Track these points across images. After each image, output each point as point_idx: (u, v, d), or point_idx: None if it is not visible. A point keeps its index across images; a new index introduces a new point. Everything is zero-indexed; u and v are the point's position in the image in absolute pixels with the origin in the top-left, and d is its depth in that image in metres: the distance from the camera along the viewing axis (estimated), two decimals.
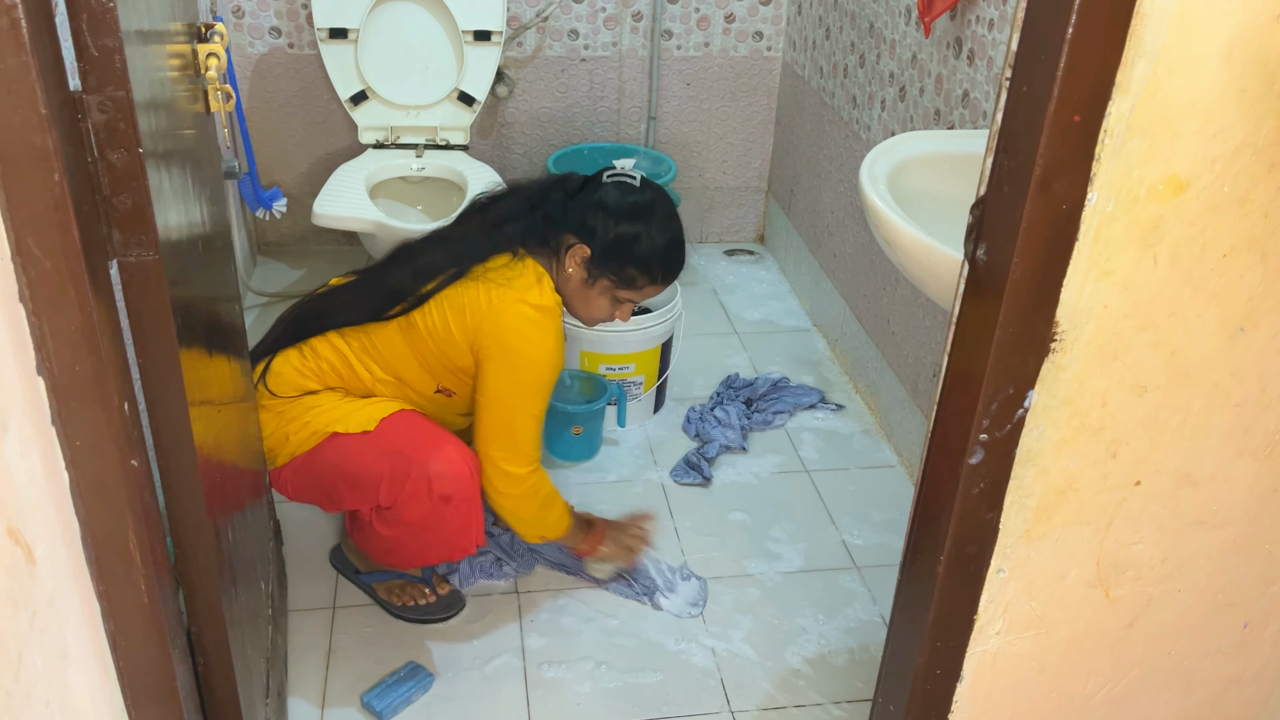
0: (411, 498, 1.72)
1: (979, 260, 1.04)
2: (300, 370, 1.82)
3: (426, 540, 1.79)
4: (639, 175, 1.85)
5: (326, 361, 1.82)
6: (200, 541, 1.20)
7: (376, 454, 1.73)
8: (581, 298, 1.85)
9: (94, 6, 0.91)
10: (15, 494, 0.84)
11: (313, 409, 1.79)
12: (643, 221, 1.79)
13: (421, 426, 1.78)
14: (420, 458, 1.71)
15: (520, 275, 1.76)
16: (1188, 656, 1.35)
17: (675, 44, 3.13)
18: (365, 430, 1.75)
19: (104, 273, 0.97)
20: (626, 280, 1.82)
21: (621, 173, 1.85)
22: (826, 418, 2.61)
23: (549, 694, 1.83)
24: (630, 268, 1.80)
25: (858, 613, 2.03)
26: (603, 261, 1.79)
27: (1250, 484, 1.20)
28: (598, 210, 1.79)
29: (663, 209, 1.83)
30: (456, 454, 1.74)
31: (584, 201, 1.82)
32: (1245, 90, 0.94)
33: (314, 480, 1.78)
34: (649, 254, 1.80)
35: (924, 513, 1.21)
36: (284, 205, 2.91)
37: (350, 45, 2.78)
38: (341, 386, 1.83)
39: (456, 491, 1.73)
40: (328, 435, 1.75)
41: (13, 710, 0.82)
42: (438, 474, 1.71)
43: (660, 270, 1.83)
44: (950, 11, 2.11)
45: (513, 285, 1.74)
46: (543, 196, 1.86)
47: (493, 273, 1.76)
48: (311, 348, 1.83)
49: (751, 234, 3.49)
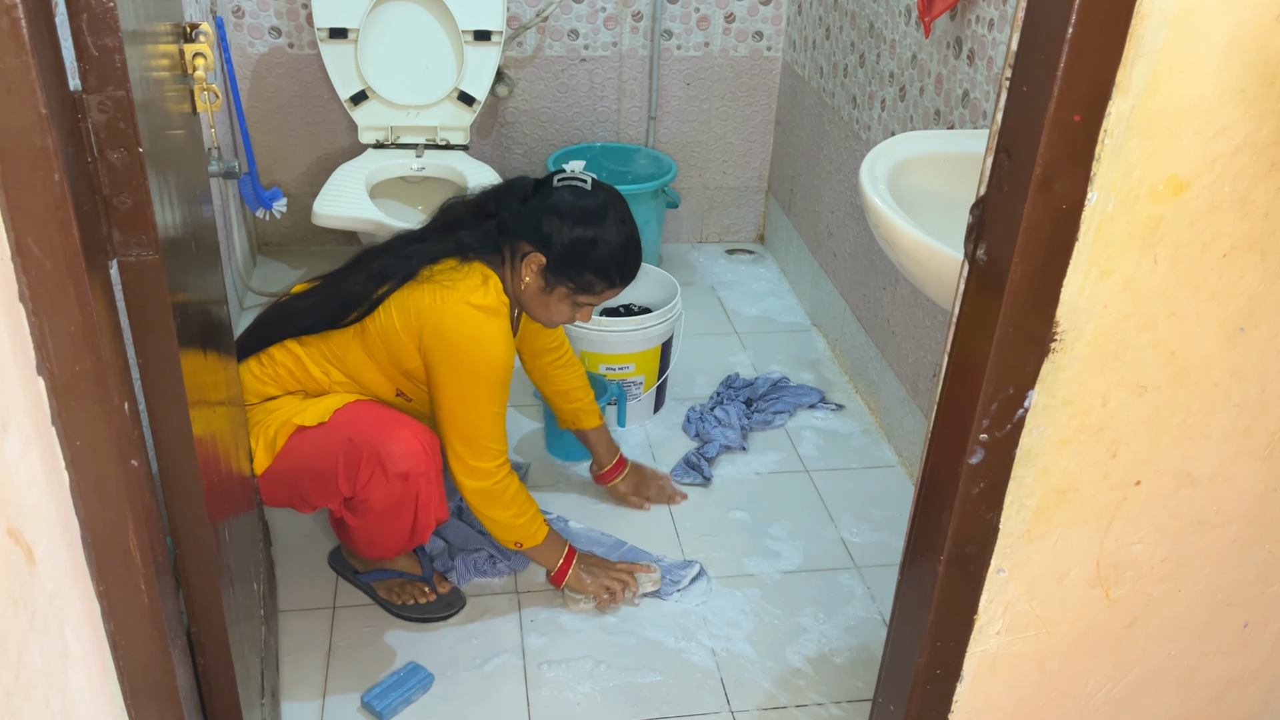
0: (370, 482, 1.73)
1: (979, 260, 1.04)
2: (259, 377, 1.84)
3: (399, 522, 1.79)
4: (590, 177, 1.83)
5: (284, 367, 1.84)
6: (200, 541, 1.20)
7: (331, 444, 1.75)
8: (541, 304, 1.84)
9: (94, 6, 0.91)
10: (15, 494, 0.85)
11: (273, 412, 1.80)
12: (597, 226, 1.77)
13: (375, 413, 1.79)
14: (371, 441, 1.72)
15: (466, 277, 1.76)
16: (1188, 656, 1.35)
17: (675, 44, 3.13)
18: (321, 422, 1.76)
19: (104, 273, 0.97)
20: (584, 286, 1.81)
21: (572, 175, 1.83)
22: (826, 417, 2.61)
23: (549, 693, 1.83)
24: (587, 273, 1.79)
25: (858, 612, 2.03)
26: (559, 269, 1.78)
27: (1250, 484, 1.20)
28: (551, 216, 1.77)
29: (615, 211, 1.81)
30: (409, 433, 1.74)
31: (536, 207, 1.80)
32: (1245, 90, 0.94)
33: (282, 481, 1.79)
34: (605, 259, 1.79)
35: (924, 513, 1.21)
36: (284, 205, 2.91)
37: (350, 45, 2.78)
38: (300, 390, 1.85)
39: (412, 468, 1.73)
40: (291, 429, 1.76)
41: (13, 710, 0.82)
42: (390, 454, 1.72)
43: (617, 273, 1.82)
44: (950, 11, 2.11)
45: (457, 287, 1.75)
46: (496, 203, 1.85)
47: (439, 275, 1.76)
48: (269, 355, 1.84)
49: (751, 234, 3.49)
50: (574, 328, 2.41)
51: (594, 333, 2.42)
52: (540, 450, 2.44)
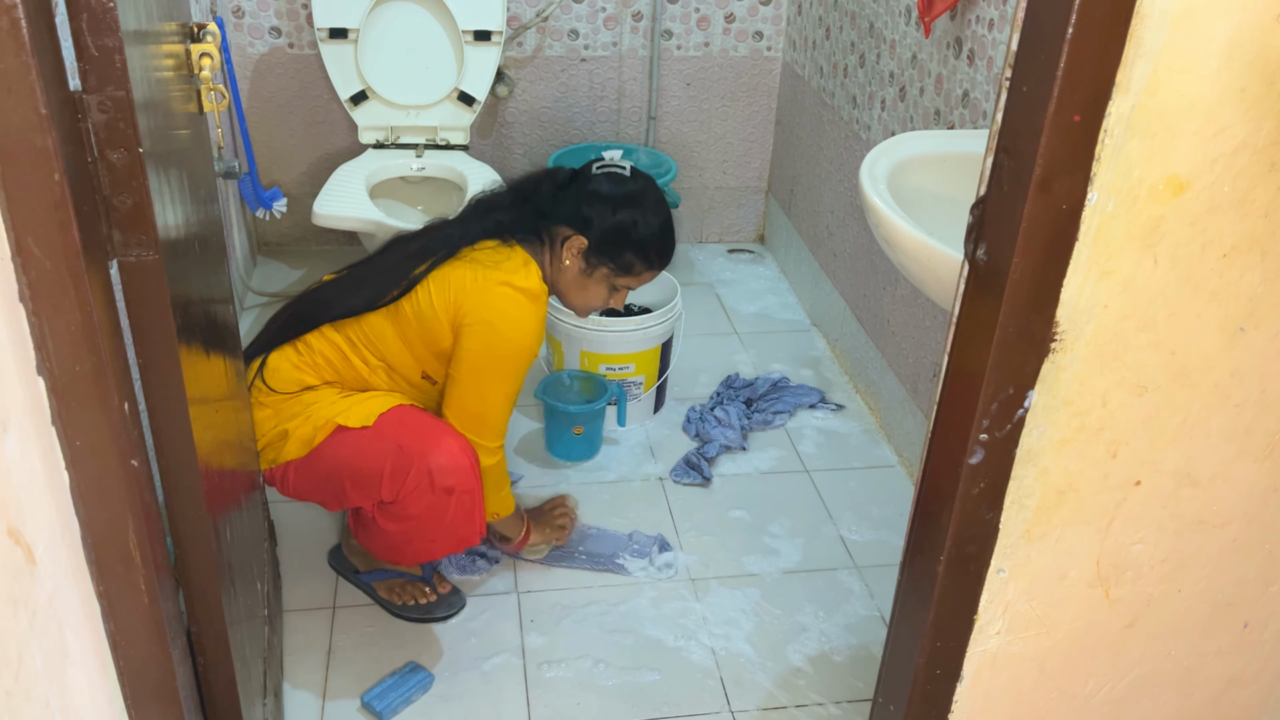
0: (414, 491, 1.73)
1: (979, 260, 1.04)
2: (298, 365, 1.82)
3: (431, 533, 1.79)
4: (628, 165, 1.90)
5: (322, 355, 1.83)
6: (200, 541, 1.20)
7: (377, 449, 1.74)
8: (579, 286, 1.88)
9: (94, 6, 0.91)
10: (15, 494, 0.85)
11: (312, 404, 1.79)
12: (638, 209, 1.84)
13: (420, 420, 1.79)
14: (421, 451, 1.72)
15: (508, 259, 1.79)
16: (1188, 656, 1.35)
17: (675, 44, 3.13)
18: (365, 425, 1.76)
19: (104, 273, 0.97)
20: (625, 267, 1.86)
21: (611, 164, 1.89)
22: (826, 417, 2.61)
23: (549, 693, 1.83)
24: (629, 254, 1.85)
25: (858, 611, 2.03)
26: (600, 250, 1.84)
27: (1250, 484, 1.20)
28: (593, 201, 1.83)
29: (654, 196, 1.88)
30: (456, 446, 1.75)
31: (576, 193, 1.85)
32: (1245, 90, 0.94)
33: (318, 478, 1.78)
34: (646, 239, 1.85)
35: (924, 512, 1.21)
36: (284, 205, 2.91)
37: (350, 45, 2.78)
38: (338, 381, 1.84)
39: (458, 483, 1.74)
40: (332, 428, 1.76)
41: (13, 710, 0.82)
42: (439, 467, 1.72)
43: (657, 254, 1.88)
44: (950, 11, 2.11)
45: (500, 267, 1.78)
46: (533, 189, 1.89)
47: (480, 254, 1.79)
48: (306, 343, 1.83)
49: (751, 234, 3.49)
50: (574, 327, 2.41)
51: (594, 333, 2.42)
52: (540, 450, 2.44)
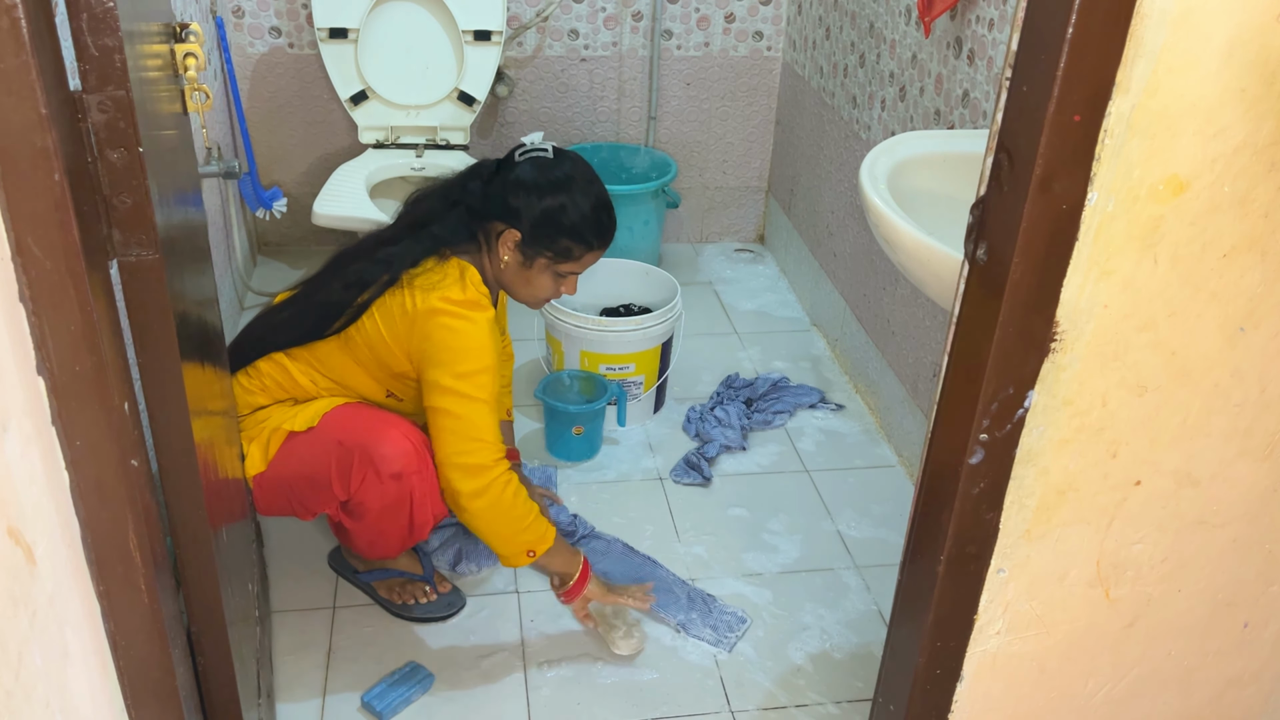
0: (364, 484, 1.73)
1: (979, 260, 1.04)
2: (247, 389, 1.84)
3: (397, 522, 1.79)
4: (550, 146, 1.84)
5: (270, 378, 1.84)
6: (200, 541, 1.20)
7: (322, 449, 1.75)
8: (523, 280, 1.84)
9: (94, 6, 0.91)
10: (15, 494, 0.84)
11: (263, 421, 1.81)
12: (565, 191, 1.78)
13: (362, 414, 1.79)
14: (362, 444, 1.73)
15: (444, 276, 1.76)
16: (1188, 656, 1.35)
17: (675, 44, 3.13)
18: (310, 427, 1.77)
19: (104, 273, 0.97)
20: (563, 253, 1.80)
21: (533, 147, 1.83)
22: (826, 417, 2.61)
23: (549, 693, 1.83)
24: (563, 239, 1.79)
25: (858, 610, 2.03)
26: (535, 240, 1.78)
27: (1250, 484, 1.20)
28: (518, 190, 1.78)
29: (582, 175, 1.82)
30: (398, 433, 1.74)
31: (501, 185, 1.80)
32: (1245, 90, 0.94)
33: (279, 489, 1.80)
34: (578, 222, 1.78)
35: (924, 512, 1.21)
36: (284, 205, 2.91)
37: (350, 45, 2.78)
38: (289, 398, 1.86)
39: (404, 467, 1.73)
40: (283, 436, 1.77)
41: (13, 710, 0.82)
42: (381, 455, 1.72)
43: (594, 235, 1.81)
44: (950, 11, 2.11)
45: (435, 287, 1.75)
46: (461, 189, 1.84)
47: (419, 278, 1.76)
48: (255, 368, 1.84)
49: (751, 234, 3.49)
50: (575, 327, 2.41)
51: (594, 333, 2.42)
52: (540, 450, 2.44)
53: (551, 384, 2.43)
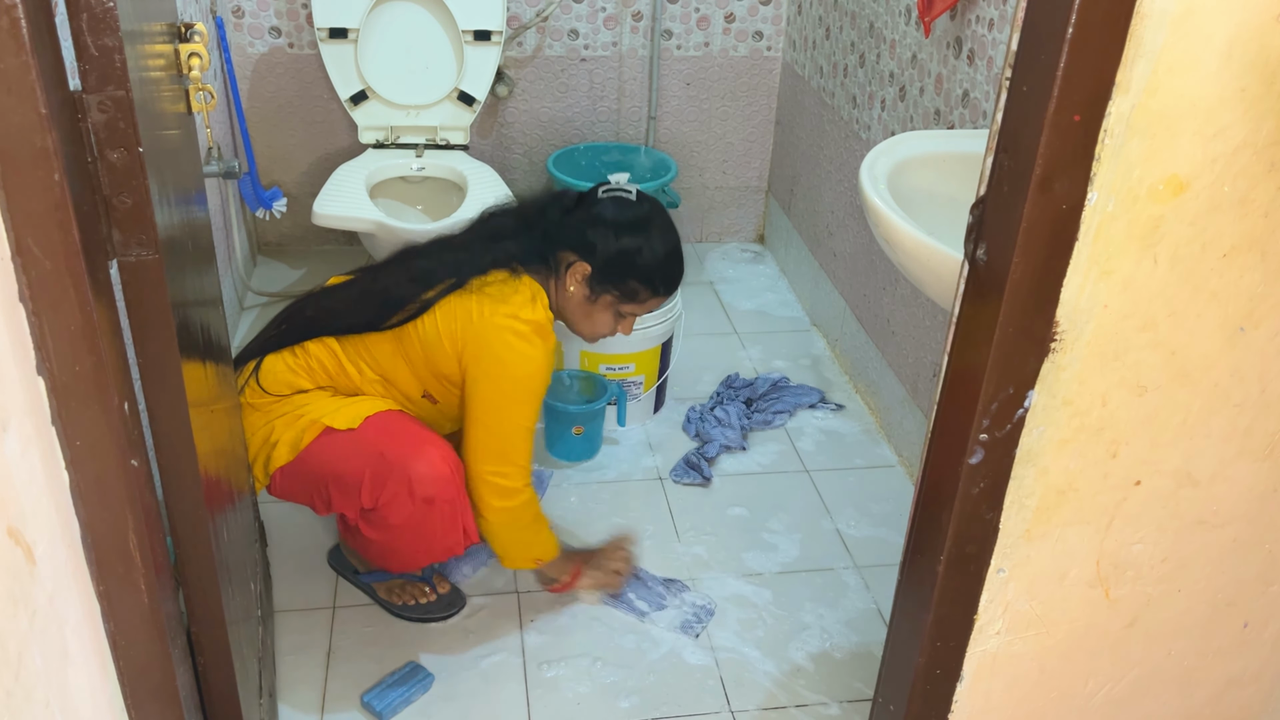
0: (393, 500, 1.72)
1: (979, 260, 1.04)
2: (292, 368, 1.82)
3: (415, 543, 1.78)
4: (634, 189, 1.87)
5: (318, 361, 1.83)
6: (200, 541, 1.20)
7: (359, 454, 1.73)
8: (584, 313, 1.86)
9: (94, 6, 0.91)
10: (15, 494, 0.85)
11: (302, 406, 1.79)
12: (643, 234, 1.80)
13: (405, 427, 1.78)
14: (401, 460, 1.71)
15: (516, 292, 1.76)
16: (1188, 656, 1.35)
17: (675, 44, 3.13)
18: (350, 428, 1.75)
19: (104, 273, 0.97)
20: (629, 294, 1.83)
21: (617, 187, 1.86)
22: (826, 417, 2.61)
23: (548, 693, 1.83)
24: (632, 280, 1.81)
25: (858, 610, 2.03)
26: (605, 277, 1.80)
27: (1250, 484, 1.20)
28: (597, 226, 1.80)
29: (660, 221, 1.84)
30: (438, 455, 1.73)
31: (581, 218, 1.82)
32: (1245, 90, 0.94)
33: (304, 480, 1.78)
34: (650, 266, 1.81)
35: (924, 512, 1.21)
36: (284, 205, 2.91)
37: (350, 45, 2.78)
38: (331, 385, 1.84)
39: (438, 493, 1.72)
40: (319, 429, 1.75)
41: (13, 710, 0.82)
42: (418, 476, 1.70)
43: (662, 281, 1.84)
44: (950, 11, 2.11)
45: (507, 301, 1.75)
46: (539, 214, 1.86)
47: (489, 287, 1.76)
48: (304, 348, 1.83)
49: (751, 234, 3.49)
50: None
51: None
52: (540, 450, 2.44)
53: (551, 384, 2.43)
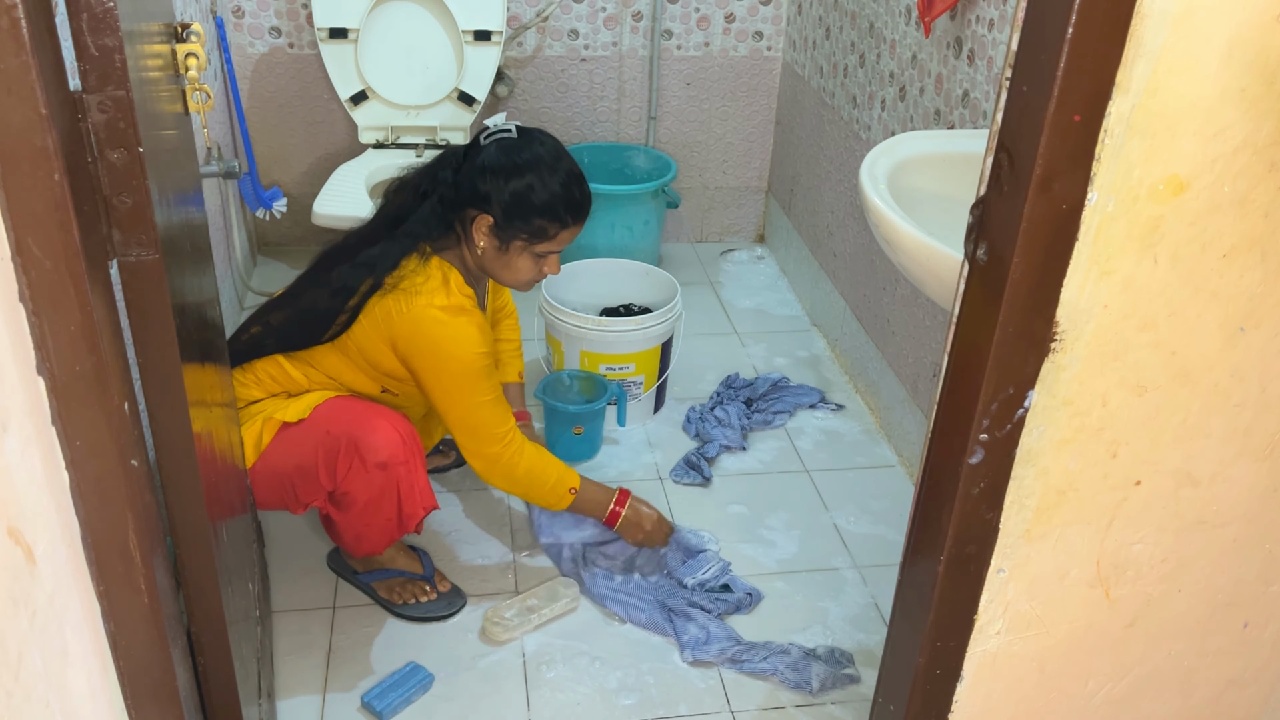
0: (349, 473, 1.74)
1: (979, 260, 1.04)
2: (242, 382, 1.86)
3: (383, 513, 1.80)
4: (514, 126, 1.83)
5: (265, 373, 1.86)
6: (200, 541, 1.20)
7: (311, 438, 1.76)
8: (502, 264, 1.84)
9: (94, 6, 0.91)
10: (15, 494, 0.84)
11: (257, 414, 1.82)
12: (532, 171, 1.77)
13: (353, 406, 1.81)
14: (349, 433, 1.74)
15: (428, 279, 1.77)
16: (1188, 656, 1.35)
17: (675, 44, 3.13)
18: (301, 418, 1.78)
19: (104, 273, 0.97)
20: (538, 233, 1.80)
21: (498, 129, 1.83)
22: (826, 417, 2.61)
23: (549, 693, 1.83)
24: (536, 219, 1.78)
25: (857, 610, 2.03)
26: (508, 223, 1.78)
27: (1250, 484, 1.20)
28: (485, 174, 1.78)
29: (549, 152, 1.81)
30: (386, 424, 1.75)
31: (469, 171, 1.80)
32: (1245, 90, 0.94)
33: (271, 480, 1.81)
34: (549, 200, 1.78)
35: (924, 512, 1.21)
36: (284, 205, 2.91)
37: (350, 45, 2.78)
38: (283, 391, 1.87)
39: (390, 457, 1.74)
40: (276, 426, 1.78)
41: (13, 710, 0.82)
42: (367, 445, 1.73)
43: (567, 211, 1.80)
44: (950, 11, 2.11)
45: (421, 291, 1.76)
46: (431, 179, 1.84)
47: (404, 281, 1.77)
48: (251, 366, 1.87)
49: (751, 234, 3.49)
50: (575, 327, 2.41)
51: (594, 332, 2.42)
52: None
53: (551, 384, 2.43)
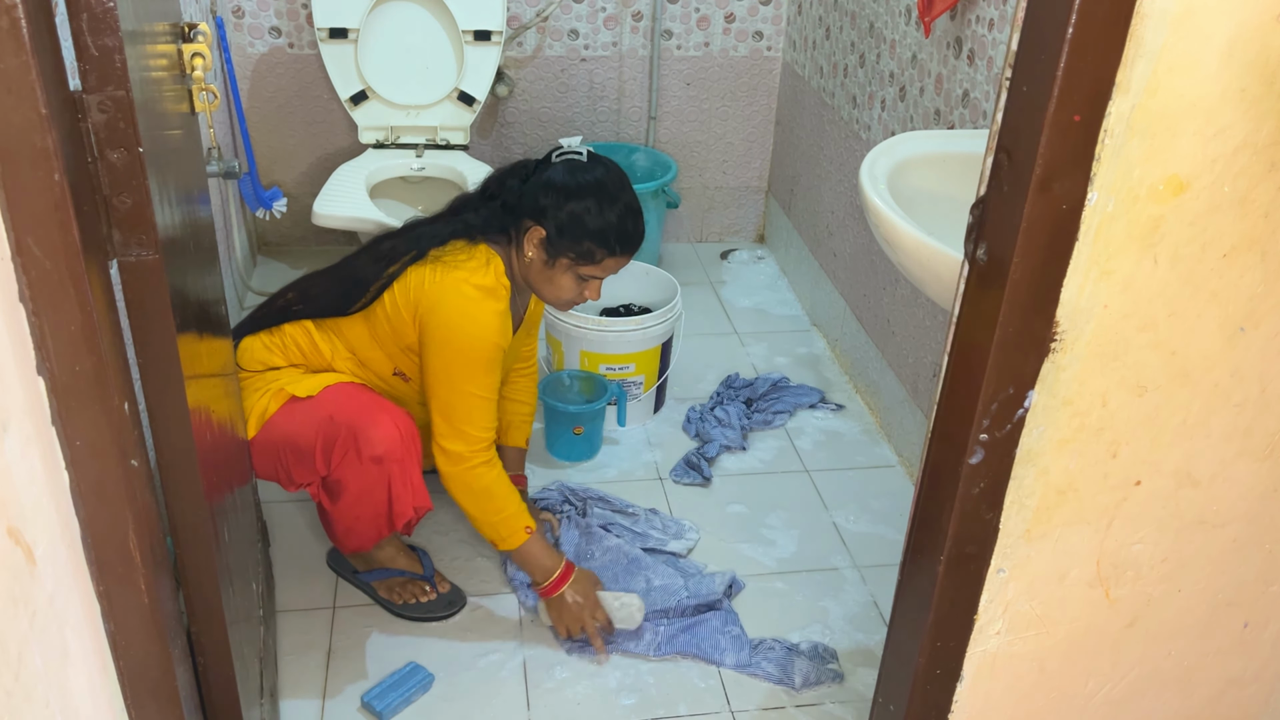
0: (344, 462, 1.76)
1: (979, 260, 1.04)
2: (267, 346, 1.88)
3: (372, 507, 1.80)
4: (586, 150, 1.87)
5: (292, 339, 1.88)
6: (200, 541, 1.20)
7: (314, 420, 1.77)
8: (545, 279, 1.87)
9: (94, 6, 0.91)
10: (15, 494, 0.84)
11: (273, 380, 1.84)
12: (593, 196, 1.81)
13: (361, 396, 1.82)
14: (349, 422, 1.75)
15: (471, 258, 1.81)
16: (1188, 656, 1.35)
17: (675, 44, 3.13)
18: (310, 395, 1.80)
19: (104, 273, 0.97)
20: (585, 255, 1.83)
21: (569, 150, 1.87)
22: (826, 417, 2.61)
23: (549, 693, 1.83)
24: (587, 242, 1.81)
25: (857, 610, 2.03)
26: (559, 240, 1.81)
27: (1250, 484, 1.20)
28: (548, 190, 1.82)
29: (613, 181, 1.84)
30: (389, 419, 1.76)
31: (535, 184, 1.84)
32: (1245, 90, 0.94)
33: (268, 450, 1.82)
34: (603, 227, 1.81)
35: (924, 513, 1.21)
36: (284, 205, 2.91)
37: (350, 45, 2.78)
38: (304, 363, 1.89)
39: (386, 452, 1.75)
40: (284, 398, 1.80)
41: (13, 710, 0.82)
42: (366, 437, 1.74)
43: (617, 241, 1.83)
44: (950, 11, 2.11)
45: (460, 266, 1.80)
46: (499, 184, 1.90)
47: (446, 255, 1.81)
48: (280, 330, 1.89)
49: (752, 234, 3.49)
50: (575, 327, 2.41)
51: (594, 333, 2.42)
52: (540, 450, 2.44)
53: (551, 384, 2.43)
